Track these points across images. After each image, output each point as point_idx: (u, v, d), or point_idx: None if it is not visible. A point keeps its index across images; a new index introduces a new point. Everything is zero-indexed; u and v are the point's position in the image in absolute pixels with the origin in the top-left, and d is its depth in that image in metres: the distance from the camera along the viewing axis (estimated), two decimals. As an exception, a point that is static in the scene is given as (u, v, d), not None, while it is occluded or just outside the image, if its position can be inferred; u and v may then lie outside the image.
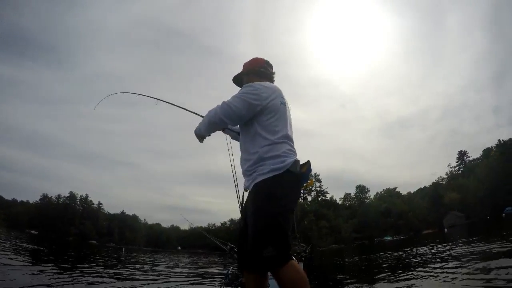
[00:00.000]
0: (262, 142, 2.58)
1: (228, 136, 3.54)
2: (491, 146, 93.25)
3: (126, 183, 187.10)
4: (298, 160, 2.62)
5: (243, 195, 3.66)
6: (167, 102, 3.82)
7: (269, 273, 2.47)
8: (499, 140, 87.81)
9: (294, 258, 2.60)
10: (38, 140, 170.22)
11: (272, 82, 2.99)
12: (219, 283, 6.86)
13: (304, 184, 2.78)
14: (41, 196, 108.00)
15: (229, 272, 4.66)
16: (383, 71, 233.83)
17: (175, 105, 3.75)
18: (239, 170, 2.87)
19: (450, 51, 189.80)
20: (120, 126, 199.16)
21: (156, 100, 3.79)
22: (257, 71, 3.00)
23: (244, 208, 2.85)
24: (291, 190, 2.54)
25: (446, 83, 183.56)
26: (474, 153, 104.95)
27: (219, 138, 3.29)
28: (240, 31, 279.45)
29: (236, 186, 4.25)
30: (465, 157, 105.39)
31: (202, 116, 3.25)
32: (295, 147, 2.73)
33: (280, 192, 2.42)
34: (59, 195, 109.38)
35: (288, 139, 2.66)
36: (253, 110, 2.62)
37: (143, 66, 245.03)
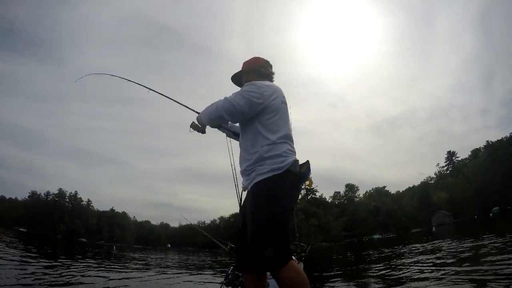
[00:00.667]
0: (263, 142, 2.56)
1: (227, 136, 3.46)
2: (479, 147, 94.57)
3: (115, 180, 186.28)
4: (298, 160, 2.60)
5: (241, 195, 3.68)
6: (159, 93, 3.71)
7: (268, 273, 2.46)
8: (487, 141, 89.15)
9: (294, 258, 2.62)
10: (26, 136, 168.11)
11: (272, 82, 2.97)
12: (219, 283, 6.83)
13: (304, 184, 2.78)
14: (29, 193, 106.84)
15: (229, 272, 4.64)
16: (373, 71, 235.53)
17: (167, 97, 3.64)
18: (238, 169, 2.83)
19: (440, 52, 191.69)
20: (110, 123, 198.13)
21: (148, 90, 3.71)
22: (257, 71, 2.98)
23: (243, 208, 2.83)
24: (291, 190, 2.52)
25: (435, 84, 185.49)
26: (463, 154, 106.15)
27: (212, 137, 3.21)
28: (230, 29, 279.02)
29: (236, 186, 4.20)
30: (453, 157, 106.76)
31: (193, 110, 3.24)
32: (294, 147, 2.72)
33: (279, 192, 2.41)
34: (48, 192, 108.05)
35: (288, 139, 2.66)
36: (255, 109, 2.60)
37: (133, 63, 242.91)
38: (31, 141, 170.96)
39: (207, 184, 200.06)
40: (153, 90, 3.72)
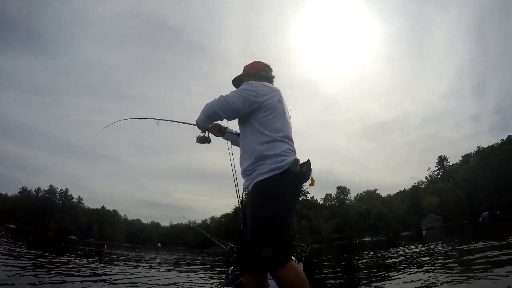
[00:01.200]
0: (261, 138, 2.58)
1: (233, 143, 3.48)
2: (471, 153, 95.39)
3: (106, 177, 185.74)
4: (298, 159, 2.59)
5: (242, 195, 3.76)
6: (170, 121, 3.73)
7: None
8: (478, 147, 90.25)
9: (293, 259, 2.64)
10: (18, 130, 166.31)
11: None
12: (219, 283, 6.78)
13: (307, 184, 2.76)
14: (20, 189, 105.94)
15: (229, 272, 4.66)
16: (367, 75, 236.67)
17: (179, 122, 3.65)
18: (238, 169, 2.86)
19: (434, 58, 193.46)
20: (102, 118, 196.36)
21: (157, 120, 3.68)
22: (257, 74, 3.00)
23: (243, 208, 2.89)
24: (291, 190, 2.51)
25: (429, 89, 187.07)
26: (454, 159, 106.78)
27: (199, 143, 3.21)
28: (228, 29, 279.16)
29: (236, 186, 4.24)
30: (444, 162, 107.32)
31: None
32: (294, 147, 2.71)
33: (279, 192, 2.40)
34: (38, 189, 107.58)
35: (287, 138, 2.66)
36: (249, 106, 2.62)
37: (129, 59, 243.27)
38: (22, 134, 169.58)
39: (199, 183, 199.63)
40: (163, 119, 3.72)
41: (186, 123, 3.45)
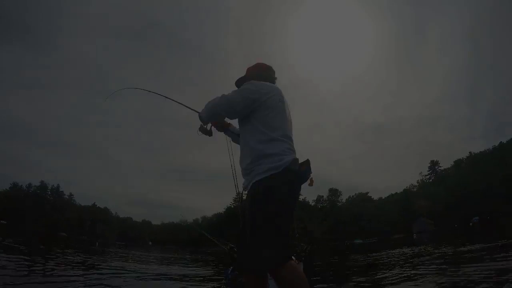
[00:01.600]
0: (260, 137, 2.58)
1: (233, 140, 3.47)
2: (462, 158, 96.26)
3: (97, 174, 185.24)
4: (297, 159, 2.57)
5: (242, 195, 3.85)
6: (176, 102, 3.75)
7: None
8: (470, 153, 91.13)
9: (293, 258, 2.70)
10: (9, 125, 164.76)
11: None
12: (218, 283, 6.79)
13: (307, 184, 2.72)
14: (11, 184, 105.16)
15: (229, 272, 4.70)
16: (362, 77, 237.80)
17: (184, 105, 3.63)
18: (238, 168, 2.89)
19: (429, 62, 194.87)
20: (96, 116, 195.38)
21: (165, 98, 3.75)
22: (259, 75, 2.99)
23: (243, 208, 2.84)
24: (289, 189, 2.49)
25: (423, 93, 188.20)
26: (446, 163, 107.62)
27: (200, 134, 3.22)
28: (223, 28, 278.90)
29: (236, 186, 4.26)
30: (436, 167, 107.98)
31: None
32: (294, 146, 2.70)
33: (277, 191, 2.38)
34: (29, 185, 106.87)
35: (287, 137, 2.66)
36: (250, 105, 2.64)
37: (122, 55, 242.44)
38: (13, 129, 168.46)
39: (191, 183, 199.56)
40: (170, 99, 3.79)
41: (191, 109, 3.46)
